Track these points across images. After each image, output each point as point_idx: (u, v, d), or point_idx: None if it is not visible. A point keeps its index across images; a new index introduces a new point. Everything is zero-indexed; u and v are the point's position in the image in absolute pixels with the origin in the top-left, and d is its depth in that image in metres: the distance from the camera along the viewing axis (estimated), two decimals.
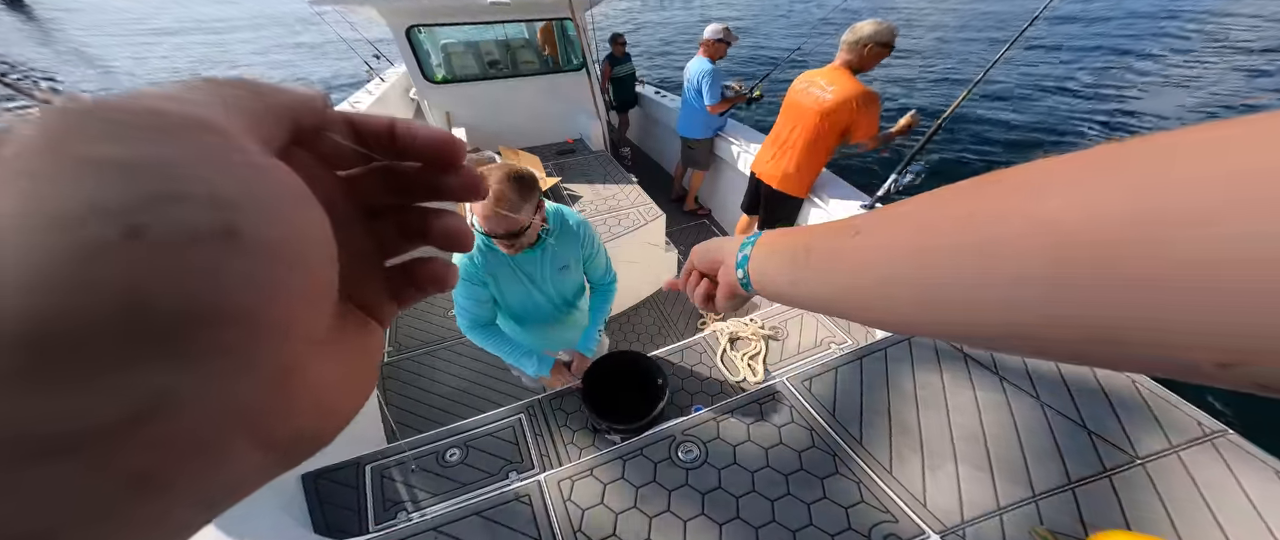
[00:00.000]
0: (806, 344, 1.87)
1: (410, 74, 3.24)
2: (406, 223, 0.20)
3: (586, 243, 1.33)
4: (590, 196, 2.63)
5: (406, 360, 2.41)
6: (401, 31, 3.02)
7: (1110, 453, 1.08)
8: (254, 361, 0.10)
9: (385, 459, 1.43)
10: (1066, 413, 1.18)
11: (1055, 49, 11.12)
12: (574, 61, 3.66)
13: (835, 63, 1.97)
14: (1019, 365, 1.31)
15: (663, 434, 1.24)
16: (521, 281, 1.25)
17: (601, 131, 3.42)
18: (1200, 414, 1.13)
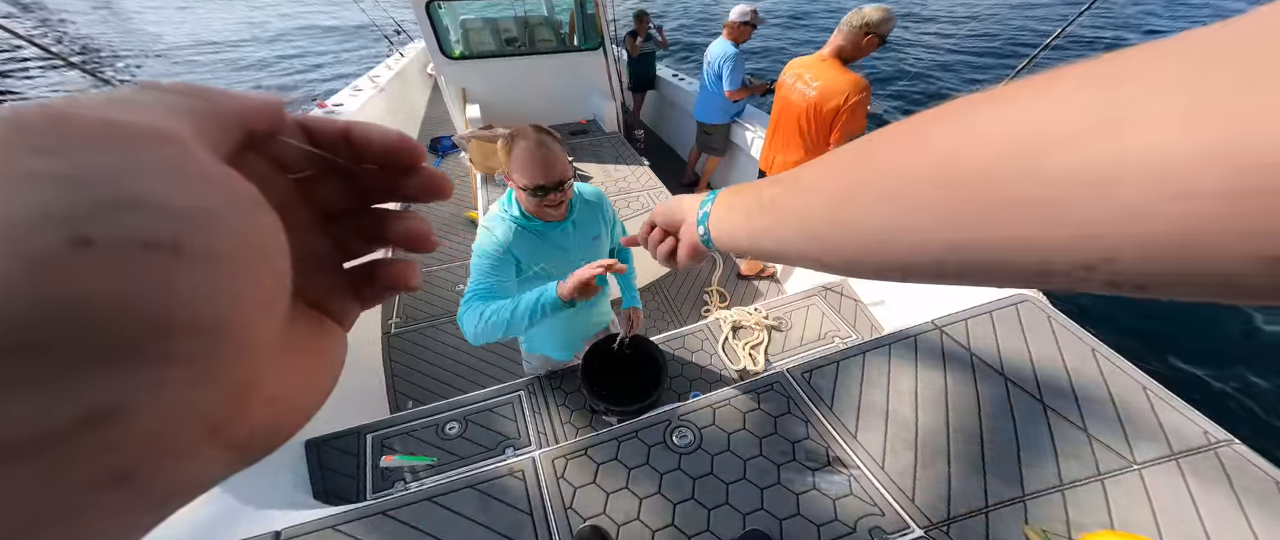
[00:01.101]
0: (810, 336, 1.86)
1: (428, 49, 3.24)
2: (366, 225, 0.20)
3: (606, 210, 1.33)
4: (602, 177, 2.62)
5: (412, 332, 2.45)
6: (422, 6, 3.01)
7: (1107, 457, 1.06)
8: (206, 367, 0.11)
9: (387, 429, 1.46)
10: (1068, 415, 1.15)
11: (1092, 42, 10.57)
12: (591, 40, 3.60)
13: (825, 51, 1.86)
14: (1025, 365, 1.28)
15: (659, 418, 1.24)
16: (557, 257, 1.20)
17: (616, 113, 3.39)
18: (1208, 423, 1.09)
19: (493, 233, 1.11)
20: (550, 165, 1.02)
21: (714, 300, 2.62)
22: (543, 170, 1.02)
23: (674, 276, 2.81)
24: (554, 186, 1.04)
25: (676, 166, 3.96)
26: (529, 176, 1.02)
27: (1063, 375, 1.24)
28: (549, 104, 3.64)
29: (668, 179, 3.23)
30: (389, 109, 3.96)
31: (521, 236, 1.13)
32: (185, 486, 0.12)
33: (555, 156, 1.03)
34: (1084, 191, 0.15)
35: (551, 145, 1.03)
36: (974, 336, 1.37)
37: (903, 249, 0.23)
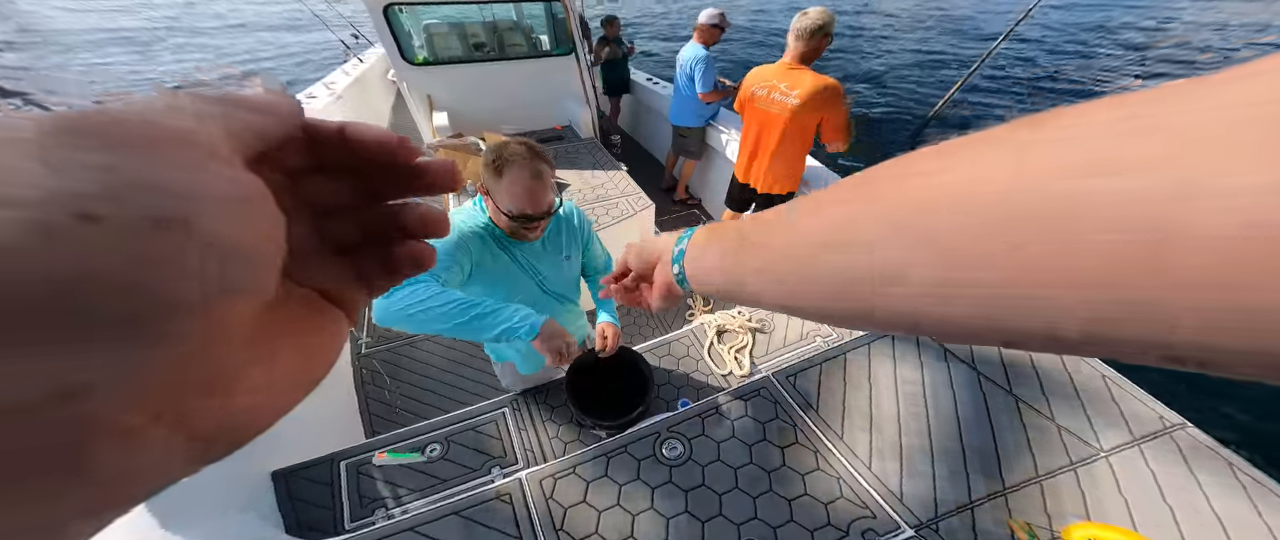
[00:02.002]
0: (793, 337, 1.88)
1: (388, 55, 3.09)
2: (372, 220, 0.21)
3: (582, 228, 1.26)
4: (579, 185, 2.58)
5: (385, 352, 2.36)
6: (378, 10, 2.86)
7: (1077, 446, 1.11)
8: (191, 350, 0.11)
9: (363, 454, 1.40)
10: (1037, 406, 1.20)
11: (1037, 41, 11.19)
12: (563, 46, 3.54)
13: (787, 59, 1.90)
14: (995, 359, 1.33)
15: (647, 431, 1.23)
16: (522, 277, 1.13)
17: (591, 118, 3.34)
18: (1162, 408, 1.16)
19: (456, 228, 1.03)
20: (542, 197, 0.96)
21: (697, 304, 2.63)
22: (532, 202, 0.96)
23: None
24: (540, 217, 0.98)
25: (655, 170, 3.96)
26: (517, 206, 0.95)
27: (1028, 365, 1.30)
28: (521, 110, 3.54)
29: (646, 183, 3.21)
30: (349, 116, 3.80)
31: (484, 245, 1.06)
32: (138, 477, 0.11)
33: (548, 187, 0.97)
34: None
35: (546, 175, 0.97)
36: None
37: (914, 292, 0.20)
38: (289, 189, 0.18)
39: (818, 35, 1.80)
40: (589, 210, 2.33)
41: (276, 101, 0.16)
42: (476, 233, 1.05)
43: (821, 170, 2.43)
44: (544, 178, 0.95)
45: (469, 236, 1.03)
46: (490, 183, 0.95)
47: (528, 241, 1.09)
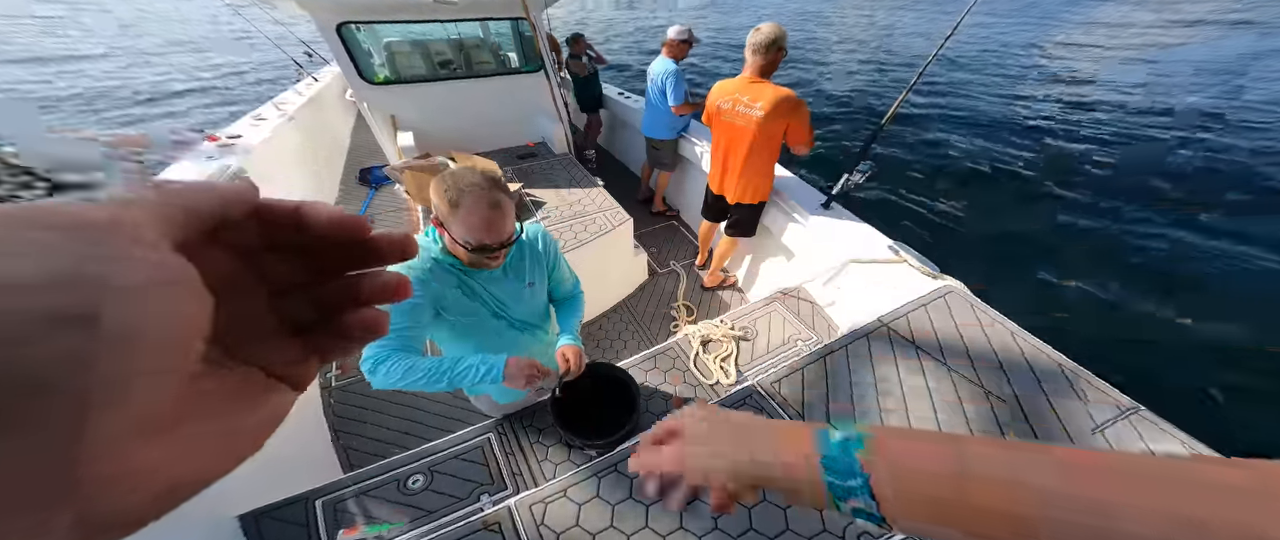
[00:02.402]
0: (775, 342, 1.90)
1: (345, 75, 2.98)
2: (329, 294, 0.22)
3: (547, 253, 1.20)
4: (555, 202, 2.56)
5: (355, 383, 2.26)
6: (331, 29, 2.75)
7: (1046, 435, 1.16)
8: (81, 435, 0.11)
9: (340, 491, 1.33)
10: (1005, 397, 1.25)
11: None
12: (532, 63, 3.52)
13: (748, 73, 1.96)
14: (962, 352, 1.38)
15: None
16: (482, 306, 1.09)
17: (564, 134, 3.33)
18: (1116, 393, 1.23)
19: (408, 269, 0.98)
20: (500, 226, 0.92)
21: (681, 315, 2.64)
22: (491, 232, 0.92)
23: (640, 295, 2.80)
24: (499, 246, 0.94)
25: (631, 183, 3.98)
26: (475, 237, 0.91)
27: (994, 359, 1.35)
28: (491, 128, 3.49)
29: (623, 196, 3.21)
30: (305, 139, 3.61)
31: (442, 278, 1.01)
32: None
33: (506, 216, 0.93)
34: None
35: (504, 203, 0.93)
36: (915, 329, 1.47)
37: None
38: (244, 269, 0.19)
39: (772, 49, 1.88)
40: (567, 226, 2.31)
41: (222, 186, 0.17)
42: (430, 268, 1.00)
43: (791, 179, 2.49)
44: (502, 207, 0.92)
45: (423, 275, 0.99)
46: (445, 215, 0.91)
47: (488, 269, 1.05)
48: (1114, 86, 8.83)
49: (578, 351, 1.20)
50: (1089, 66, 10.44)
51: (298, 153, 3.39)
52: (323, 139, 4.24)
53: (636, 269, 2.80)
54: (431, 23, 3.16)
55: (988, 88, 9.22)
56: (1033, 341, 1.39)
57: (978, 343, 1.40)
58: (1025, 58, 11.50)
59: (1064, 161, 5.87)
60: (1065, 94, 8.60)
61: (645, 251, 2.86)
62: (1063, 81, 9.45)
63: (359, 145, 4.92)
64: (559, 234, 2.25)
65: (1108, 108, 7.72)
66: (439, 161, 2.58)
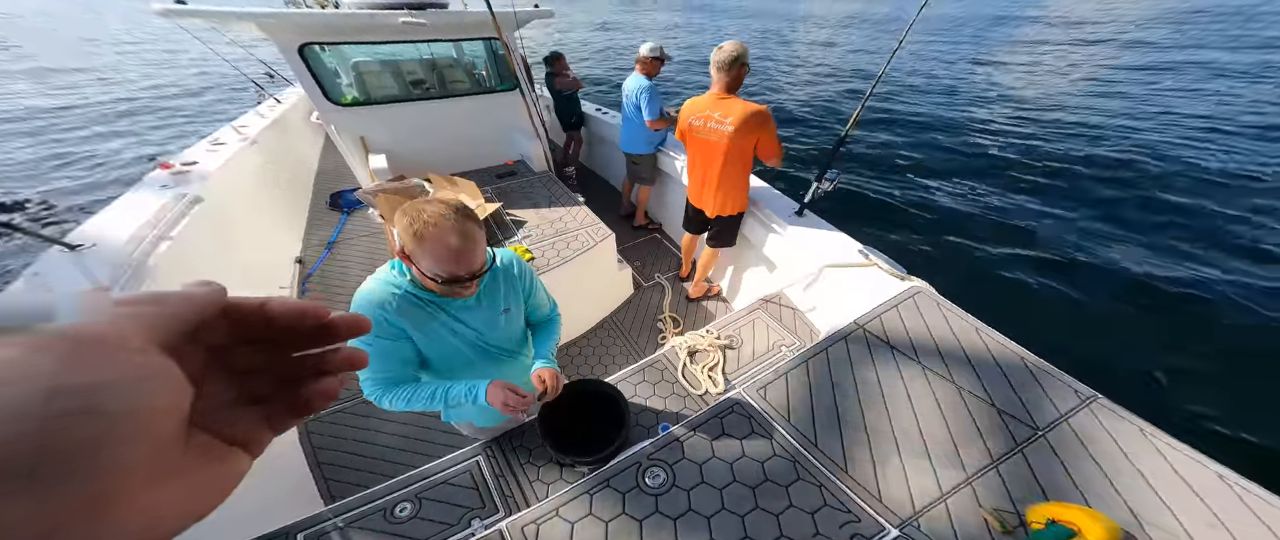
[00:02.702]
0: (760, 349, 1.93)
1: (310, 97, 2.87)
2: (287, 369, 0.26)
3: (523, 278, 1.18)
4: (536, 220, 2.56)
5: (333, 413, 2.20)
6: (293, 50, 2.66)
7: (1018, 428, 1.21)
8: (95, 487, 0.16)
9: (323, 524, 1.29)
10: (976, 392, 1.30)
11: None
12: (507, 82, 3.51)
13: (716, 90, 2.01)
14: (933, 349, 1.44)
15: (628, 461, 1.21)
16: (457, 334, 1.07)
17: (543, 152, 3.32)
18: (1075, 381, 1.30)
19: (373, 306, 0.95)
20: (469, 257, 0.90)
21: (668, 327, 2.65)
22: (460, 263, 0.89)
23: (626, 309, 2.81)
24: (470, 277, 0.92)
25: (613, 198, 4.01)
26: (444, 270, 0.89)
27: (962, 355, 1.42)
28: (468, 148, 3.46)
29: (605, 211, 3.22)
30: (267, 163, 3.48)
31: (412, 313, 0.98)
32: None
33: (476, 245, 0.91)
34: None
35: (473, 233, 0.90)
36: (888, 329, 1.53)
37: None
38: (215, 359, 0.23)
39: (735, 65, 1.94)
40: (549, 244, 2.32)
41: (195, 294, 0.22)
42: (398, 302, 0.97)
43: (766, 189, 2.56)
44: (471, 237, 0.90)
45: (391, 311, 0.96)
46: (413, 248, 0.88)
47: (461, 298, 1.03)
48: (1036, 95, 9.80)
49: (554, 373, 1.18)
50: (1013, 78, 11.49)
51: (260, 178, 3.27)
52: (287, 163, 4.10)
53: (621, 284, 2.81)
54: (397, 43, 3.10)
55: (930, 98, 10.06)
56: (996, 336, 1.46)
57: (946, 340, 1.46)
58: (961, 70, 12.62)
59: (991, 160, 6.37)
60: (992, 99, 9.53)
61: (629, 266, 2.88)
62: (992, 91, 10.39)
63: (328, 169, 4.77)
64: (541, 252, 2.25)
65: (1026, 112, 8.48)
66: (414, 184, 2.52)
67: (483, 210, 2.51)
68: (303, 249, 3.31)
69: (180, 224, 2.03)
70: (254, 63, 4.56)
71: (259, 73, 4.73)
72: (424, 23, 2.72)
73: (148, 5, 2.23)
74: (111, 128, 8.87)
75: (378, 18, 2.66)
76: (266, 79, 4.70)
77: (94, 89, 11.87)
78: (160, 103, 10.79)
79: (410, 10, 2.72)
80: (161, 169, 2.48)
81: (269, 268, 2.82)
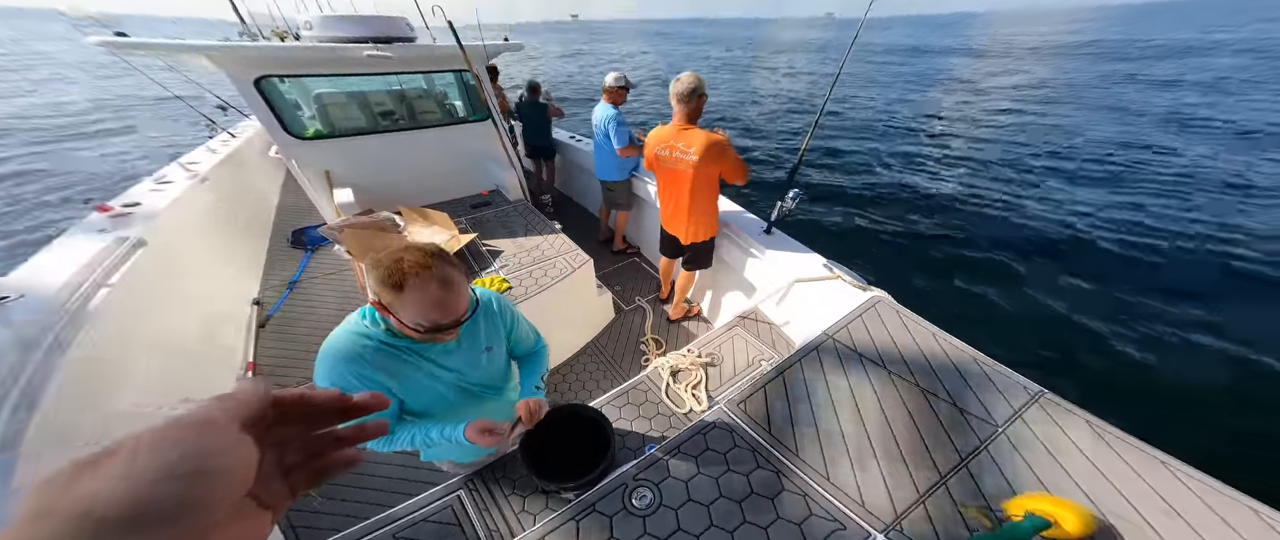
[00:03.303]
0: (741, 365, 1.97)
1: (268, 131, 2.76)
2: (315, 442, 0.35)
3: (503, 315, 1.16)
4: (512, 249, 2.56)
5: None
6: (248, 83, 2.56)
7: (980, 426, 1.28)
8: (197, 527, 0.23)
9: None
10: (939, 394, 1.37)
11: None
12: (479, 112, 3.50)
13: (677, 121, 2.08)
14: (897, 356, 1.51)
15: (614, 484, 1.21)
16: (438, 378, 1.04)
17: (518, 180, 3.34)
18: (1023, 379, 1.39)
19: (344, 361, 0.90)
20: (453, 304, 0.87)
21: (651, 348, 2.66)
22: (444, 311, 0.86)
23: (608, 333, 2.81)
24: (454, 323, 0.89)
25: (591, 225, 4.06)
26: (428, 319, 0.86)
27: (922, 358, 1.50)
28: (440, 179, 3.40)
29: (584, 237, 3.23)
30: (220, 201, 3.31)
31: (389, 363, 0.94)
32: None
33: (459, 291, 0.88)
34: None
35: (454, 278, 0.87)
36: (856, 339, 1.61)
37: None
38: (263, 436, 0.30)
39: (694, 96, 2.03)
40: (527, 273, 2.32)
41: (254, 390, 0.30)
42: (372, 355, 0.92)
43: (737, 212, 2.66)
44: (454, 284, 0.86)
45: (366, 365, 0.92)
46: (390, 299, 0.84)
47: (443, 343, 0.99)
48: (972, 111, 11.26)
49: (537, 403, 1.15)
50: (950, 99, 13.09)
51: (212, 217, 3.11)
52: (244, 200, 3.93)
53: (602, 309, 2.82)
54: (369, 75, 3.05)
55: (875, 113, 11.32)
56: (951, 339, 1.55)
57: (908, 347, 1.54)
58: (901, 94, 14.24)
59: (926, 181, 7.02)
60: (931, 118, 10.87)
61: (610, 290, 2.90)
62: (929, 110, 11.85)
63: (290, 205, 4.56)
64: (518, 281, 2.25)
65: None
66: (384, 217, 2.48)
67: (457, 241, 2.50)
68: (261, 290, 3.15)
69: (121, 269, 1.89)
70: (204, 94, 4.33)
71: (210, 106, 4.47)
72: (390, 56, 2.68)
73: (84, 38, 2.11)
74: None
75: (340, 51, 2.60)
76: (219, 113, 4.43)
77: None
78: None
79: (375, 43, 2.68)
80: (98, 212, 2.32)
81: (223, 312, 2.67)
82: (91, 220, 2.24)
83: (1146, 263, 4.56)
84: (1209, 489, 1.07)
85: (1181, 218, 5.38)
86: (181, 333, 2.20)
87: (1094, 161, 7.48)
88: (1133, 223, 5.31)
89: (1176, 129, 9.17)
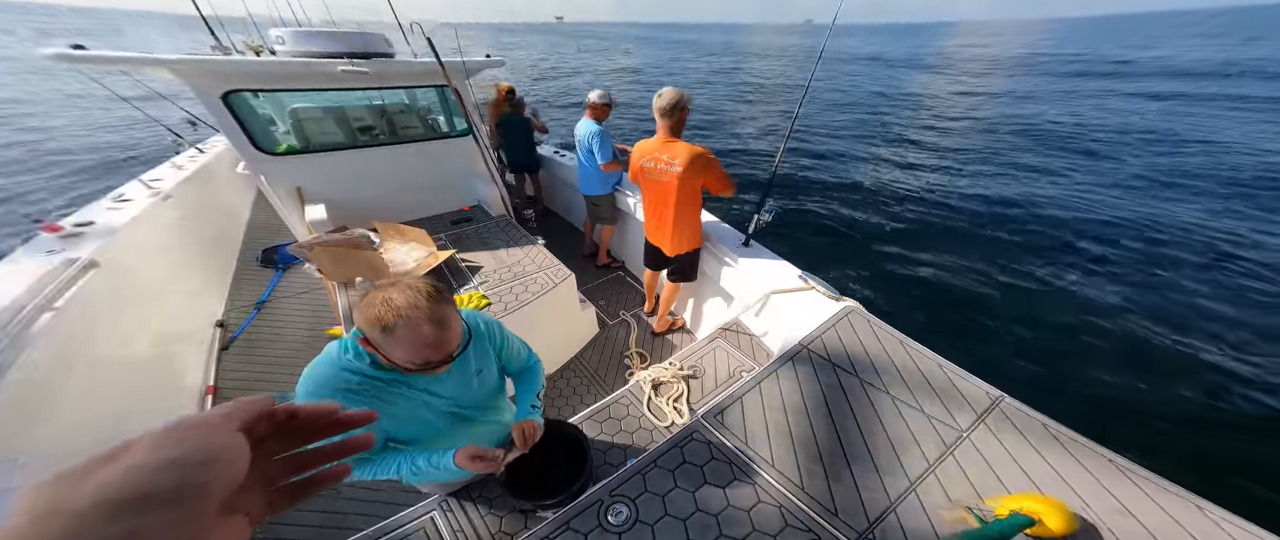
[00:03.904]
0: (722, 376, 1.97)
1: (235, 146, 2.68)
2: (303, 460, 0.37)
3: (492, 336, 1.14)
4: (493, 265, 2.54)
5: None
6: (215, 98, 2.48)
7: (946, 431, 1.30)
8: (193, 520, 0.26)
9: None
10: (907, 400, 1.41)
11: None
12: (460, 127, 3.47)
13: (661, 135, 2.13)
14: (868, 364, 1.54)
15: (590, 500, 1.20)
16: (429, 406, 1.02)
17: (500, 196, 3.32)
18: (984, 384, 1.42)
19: (327, 391, 0.87)
20: (446, 341, 0.85)
21: (635, 362, 2.66)
22: (437, 350, 0.84)
23: (592, 347, 2.79)
24: (446, 359, 0.87)
25: (575, 239, 4.06)
26: (419, 357, 0.84)
27: (891, 366, 1.54)
28: (419, 195, 3.34)
29: (569, 252, 3.21)
30: (184, 218, 3.22)
31: (375, 395, 0.91)
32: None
33: (452, 327, 0.86)
34: None
35: (448, 316, 0.84)
36: (829, 348, 1.64)
37: None
38: (255, 446, 0.32)
39: (676, 110, 2.08)
40: (507, 289, 2.31)
41: (254, 399, 0.33)
42: (357, 387, 0.89)
43: (717, 224, 2.70)
44: (447, 322, 0.84)
45: (350, 398, 0.89)
46: (380, 340, 0.82)
47: (431, 374, 0.95)
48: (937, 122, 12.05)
49: (533, 426, 1.15)
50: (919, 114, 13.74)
51: (175, 236, 3.03)
52: (211, 218, 3.81)
53: (585, 323, 2.81)
54: (348, 90, 2.98)
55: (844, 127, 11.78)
56: (916, 346, 1.60)
57: (878, 355, 1.58)
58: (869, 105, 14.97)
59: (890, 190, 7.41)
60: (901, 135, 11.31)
61: (594, 305, 2.89)
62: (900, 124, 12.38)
63: (261, 222, 4.46)
64: (498, 297, 2.24)
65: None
66: (359, 234, 2.42)
67: (435, 258, 2.48)
68: (227, 311, 3.07)
69: (68, 292, 1.83)
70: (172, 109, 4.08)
71: (178, 120, 4.30)
72: (366, 71, 2.64)
73: (37, 50, 2.05)
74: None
75: (314, 66, 2.55)
76: (188, 127, 4.31)
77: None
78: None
79: (352, 58, 2.64)
80: (47, 232, 2.23)
81: (182, 334, 2.58)
82: (40, 240, 2.17)
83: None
84: (1158, 489, 1.11)
85: None
86: (134, 356, 2.14)
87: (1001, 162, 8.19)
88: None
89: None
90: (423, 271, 2.37)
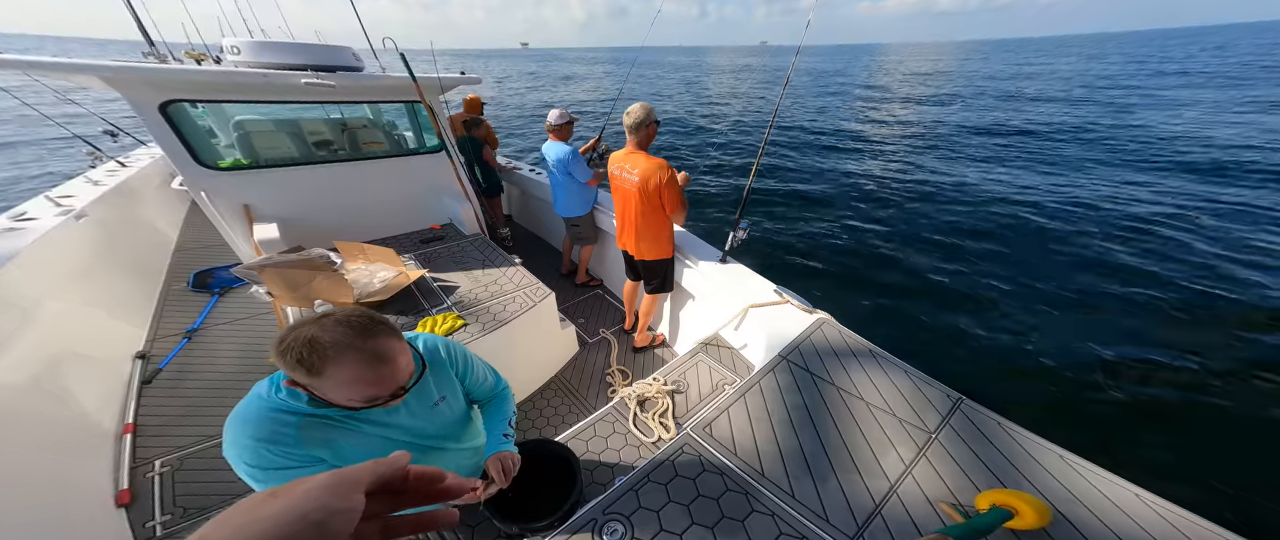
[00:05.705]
0: (706, 390, 2.00)
1: (173, 161, 2.44)
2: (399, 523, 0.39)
3: (454, 361, 1.07)
4: (468, 285, 2.48)
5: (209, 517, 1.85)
6: (152, 108, 2.28)
7: (916, 433, 1.39)
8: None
9: None
10: (880, 406, 1.50)
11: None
12: (432, 143, 3.33)
13: (629, 147, 2.26)
14: (842, 372, 1.62)
15: (583, 519, 1.18)
16: (388, 437, 0.94)
17: (474, 214, 3.22)
18: (945, 387, 1.54)
19: (261, 442, 0.77)
20: (391, 375, 0.77)
21: (617, 379, 2.64)
22: (381, 385, 0.77)
23: (573, 367, 2.76)
24: (395, 394, 0.80)
25: (552, 258, 4.00)
26: (362, 395, 0.76)
27: (863, 374, 1.63)
28: (386, 215, 3.19)
29: (546, 271, 3.14)
30: (103, 240, 2.94)
31: (318, 436, 0.82)
32: None
33: (397, 359, 0.78)
34: None
35: (389, 348, 0.76)
36: (807, 359, 1.72)
37: None
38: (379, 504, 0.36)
39: (643, 127, 2.20)
40: (485, 309, 2.26)
41: (392, 462, 0.38)
42: (297, 431, 0.80)
43: (692, 238, 2.76)
44: (386, 355, 0.76)
45: (290, 442, 0.79)
46: (307, 383, 0.74)
47: (383, 407, 0.85)
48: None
49: (510, 457, 1.09)
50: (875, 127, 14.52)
51: (89, 259, 2.76)
52: (135, 239, 3.48)
53: (565, 342, 2.78)
54: (304, 103, 2.79)
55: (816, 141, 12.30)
56: (885, 355, 1.71)
57: (851, 363, 1.67)
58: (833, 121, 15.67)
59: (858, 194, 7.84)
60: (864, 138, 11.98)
61: (573, 323, 2.87)
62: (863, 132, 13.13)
63: (193, 244, 4.06)
64: (474, 318, 2.19)
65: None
66: (317, 255, 2.27)
67: (404, 278, 2.40)
68: (149, 341, 2.75)
69: None
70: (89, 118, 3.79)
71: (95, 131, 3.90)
72: (333, 85, 2.50)
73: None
74: None
75: (272, 78, 2.39)
76: (109, 139, 3.91)
77: None
78: None
79: (316, 71, 2.50)
80: None
81: (93, 369, 2.28)
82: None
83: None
84: (1103, 480, 1.23)
85: None
86: (26, 395, 1.86)
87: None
88: None
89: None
90: (392, 293, 2.29)
